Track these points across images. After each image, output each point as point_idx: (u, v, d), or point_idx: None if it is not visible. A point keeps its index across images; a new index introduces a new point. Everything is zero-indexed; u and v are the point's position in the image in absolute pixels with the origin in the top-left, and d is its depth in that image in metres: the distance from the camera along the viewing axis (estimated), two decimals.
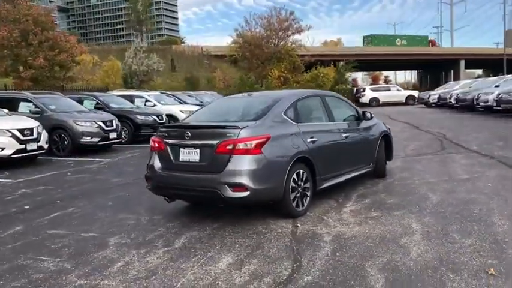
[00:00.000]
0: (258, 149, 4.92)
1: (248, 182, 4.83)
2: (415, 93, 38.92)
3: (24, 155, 10.11)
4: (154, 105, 17.19)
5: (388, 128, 7.80)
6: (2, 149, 9.72)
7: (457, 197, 5.96)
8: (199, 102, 20.17)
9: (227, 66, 48.79)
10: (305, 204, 5.47)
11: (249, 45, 41.41)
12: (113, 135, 12.52)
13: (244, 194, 4.85)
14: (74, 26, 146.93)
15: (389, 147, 7.72)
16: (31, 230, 5.35)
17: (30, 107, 12.18)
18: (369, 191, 6.60)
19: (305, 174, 5.46)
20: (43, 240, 4.95)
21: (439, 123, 17.01)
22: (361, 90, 39.95)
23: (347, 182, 6.54)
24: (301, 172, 5.39)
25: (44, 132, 10.77)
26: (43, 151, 10.70)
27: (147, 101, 17.54)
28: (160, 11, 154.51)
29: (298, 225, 5.04)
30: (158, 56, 38.73)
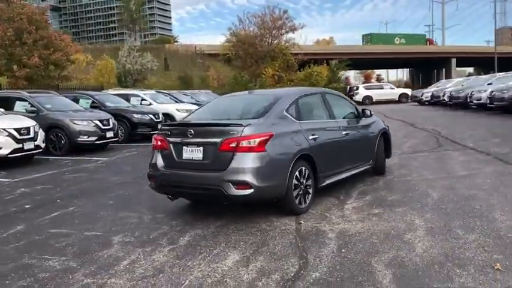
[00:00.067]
0: (262, 146, 4.93)
1: (252, 180, 4.84)
2: (408, 91, 39.15)
3: (21, 154, 10.05)
4: (150, 104, 17.12)
5: (386, 126, 7.84)
6: None
7: (457, 193, 6.01)
8: (194, 101, 20.13)
9: (221, 65, 48.82)
10: (307, 201, 5.49)
11: (243, 43, 41.50)
12: (109, 134, 12.48)
13: (248, 192, 4.85)
14: (66, 25, 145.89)
15: (388, 145, 7.76)
16: (33, 229, 5.33)
17: (26, 106, 12.09)
18: (369, 188, 6.63)
19: (307, 172, 5.48)
20: (46, 239, 4.93)
21: (434, 121, 17.10)
22: (354, 88, 40.06)
23: (347, 180, 6.57)
24: (304, 169, 5.41)
25: (41, 131, 10.72)
26: (40, 150, 10.65)
27: (143, 99, 17.45)
28: (153, 10, 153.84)
29: (301, 223, 5.06)
30: (152, 55, 38.68)
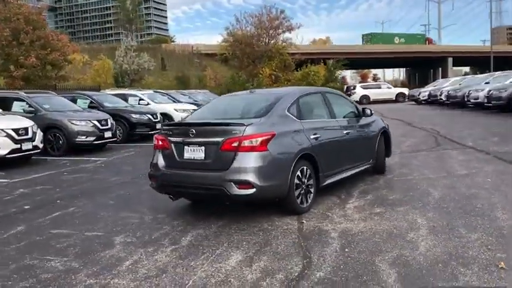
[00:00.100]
0: (264, 146, 4.92)
1: (254, 179, 4.83)
2: (405, 90, 39.21)
3: (19, 154, 10.00)
4: (148, 104, 17.08)
5: (386, 125, 7.85)
6: None
7: (458, 192, 6.01)
8: (192, 101, 20.10)
9: (218, 65, 48.77)
10: (309, 201, 5.49)
11: (240, 43, 41.48)
12: (108, 135, 12.44)
13: (250, 191, 4.84)
14: (62, 25, 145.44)
15: (388, 144, 7.76)
16: (34, 230, 5.30)
17: (24, 107, 12.03)
18: (370, 187, 6.63)
19: (309, 171, 5.47)
20: (47, 240, 4.90)
21: (431, 120, 17.13)
22: (351, 88, 40.07)
23: (347, 179, 6.55)
24: (305, 169, 5.40)
25: (39, 131, 10.67)
26: (38, 151, 10.59)
27: (141, 99, 17.40)
28: (149, 10, 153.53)
29: (303, 222, 5.05)
30: (148, 55, 38.59)
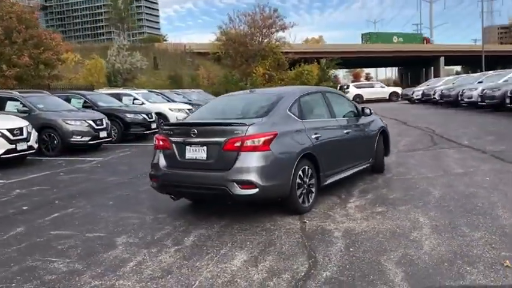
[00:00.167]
0: (266, 145, 4.91)
1: (257, 179, 4.81)
2: (398, 89, 39.43)
3: (14, 155, 9.90)
4: (143, 104, 17.00)
5: (385, 124, 7.87)
6: None
7: (457, 191, 6.04)
8: (186, 100, 20.04)
9: (210, 64, 48.60)
10: (310, 200, 5.49)
11: (233, 42, 41.37)
12: (103, 134, 12.36)
13: (253, 191, 4.83)
14: (53, 24, 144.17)
15: (387, 143, 7.78)
16: (34, 231, 5.24)
17: (18, 106, 11.91)
18: (369, 187, 6.65)
19: (310, 171, 5.47)
20: (48, 241, 4.85)
21: (426, 119, 17.21)
22: (345, 87, 40.20)
23: (347, 178, 6.55)
24: (307, 168, 5.40)
25: (34, 131, 10.57)
26: (33, 151, 10.50)
27: (135, 99, 17.32)
28: (141, 9, 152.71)
29: (306, 222, 5.05)
30: (141, 54, 38.40)
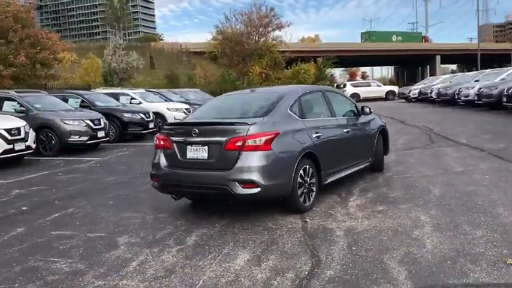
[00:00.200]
0: (268, 145, 4.91)
1: (258, 179, 4.82)
2: (395, 88, 39.52)
3: (12, 155, 9.85)
4: (140, 103, 16.95)
5: (384, 123, 7.88)
6: None
7: (457, 189, 6.06)
8: (184, 100, 20.00)
9: (207, 63, 48.56)
10: (311, 199, 5.49)
11: (230, 41, 41.35)
12: (101, 134, 12.33)
13: (254, 191, 4.84)
14: (48, 23, 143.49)
15: (386, 141, 7.79)
16: (34, 231, 5.23)
17: (15, 106, 11.87)
18: (369, 185, 6.66)
19: (311, 170, 5.48)
20: (49, 241, 4.84)
21: (423, 118, 17.25)
22: (341, 86, 40.25)
23: (347, 177, 6.56)
24: (308, 167, 5.41)
25: (32, 131, 10.53)
26: (31, 151, 10.46)
27: (133, 98, 17.27)
28: (136, 8, 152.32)
29: (307, 221, 5.05)
30: (137, 54, 38.21)
